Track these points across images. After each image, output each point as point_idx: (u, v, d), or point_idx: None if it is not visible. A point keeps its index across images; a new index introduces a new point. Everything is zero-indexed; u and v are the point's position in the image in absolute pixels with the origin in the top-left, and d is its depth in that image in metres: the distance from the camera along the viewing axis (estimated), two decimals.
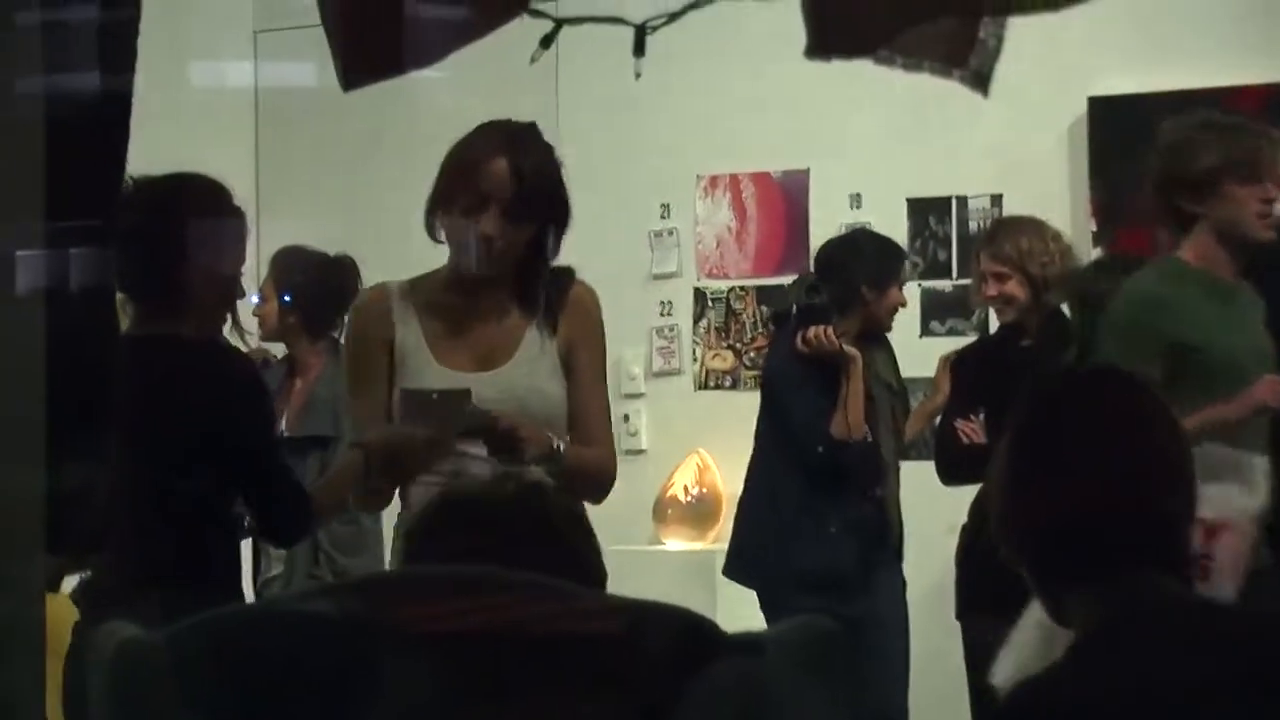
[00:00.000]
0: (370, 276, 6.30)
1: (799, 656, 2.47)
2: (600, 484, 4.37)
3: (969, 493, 5.88)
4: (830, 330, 6.12)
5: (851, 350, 6.14)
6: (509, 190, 4.29)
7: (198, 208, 4.35)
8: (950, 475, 6.16)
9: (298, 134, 8.51)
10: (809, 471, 6.24)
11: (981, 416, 6.07)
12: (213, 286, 4.33)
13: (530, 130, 4.46)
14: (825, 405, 6.16)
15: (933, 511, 6.26)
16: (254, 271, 6.20)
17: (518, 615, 2.40)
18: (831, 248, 6.59)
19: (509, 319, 4.40)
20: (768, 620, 6.04)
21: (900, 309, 6.40)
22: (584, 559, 2.72)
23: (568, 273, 4.50)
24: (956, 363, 6.40)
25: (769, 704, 2.39)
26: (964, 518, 6.03)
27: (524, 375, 4.34)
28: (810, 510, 6.24)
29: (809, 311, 6.20)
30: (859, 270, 6.32)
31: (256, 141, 8.58)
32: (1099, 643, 2.54)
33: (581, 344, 4.48)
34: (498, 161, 4.30)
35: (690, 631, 2.41)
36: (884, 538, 6.29)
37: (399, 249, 8.05)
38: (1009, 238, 6.25)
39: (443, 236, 4.49)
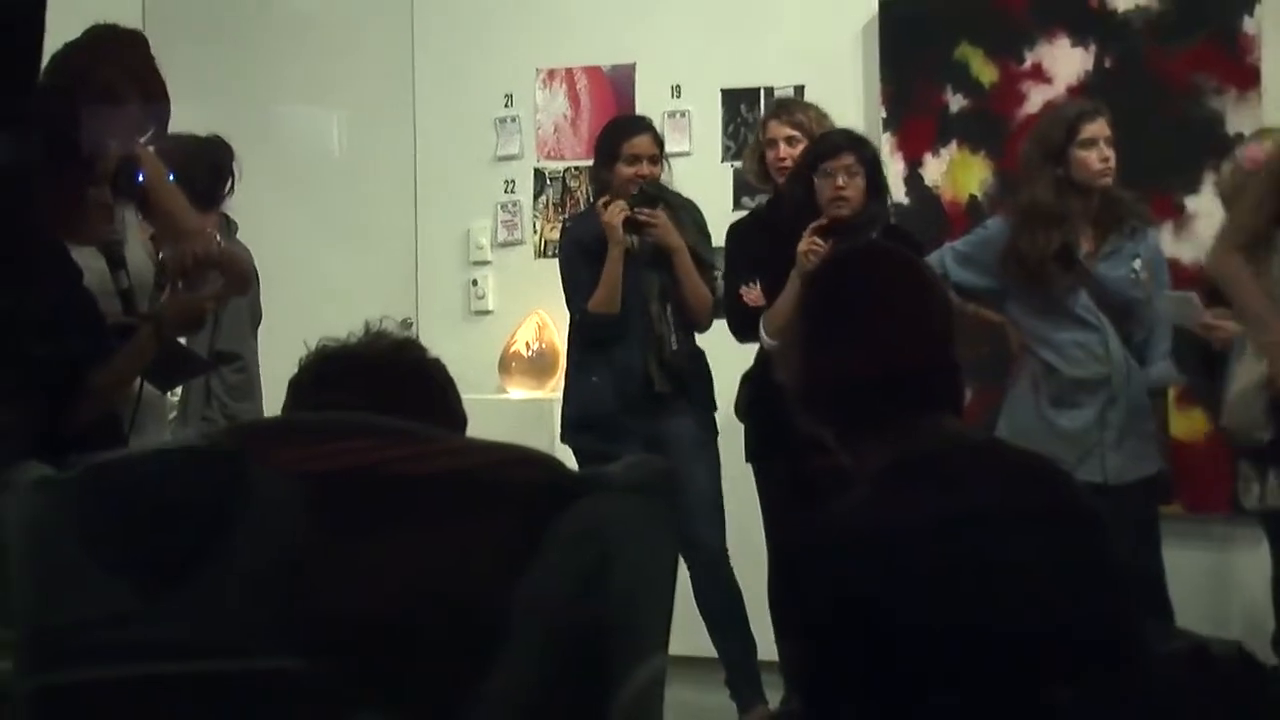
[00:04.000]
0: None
1: (639, 493, 2.48)
2: None
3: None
4: (614, 211, 6.16)
5: (615, 235, 6.17)
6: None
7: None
8: (740, 335, 6.23)
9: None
10: (577, 333, 6.32)
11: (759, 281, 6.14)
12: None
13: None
14: (589, 280, 6.23)
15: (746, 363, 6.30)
16: None
17: (385, 456, 2.38)
18: (598, 138, 6.65)
19: None
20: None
21: (641, 179, 6.31)
22: (449, 407, 2.75)
23: None
24: (733, 233, 6.40)
25: (622, 538, 2.40)
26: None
27: None
28: (580, 364, 6.32)
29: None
30: (602, 153, 6.40)
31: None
32: (891, 478, 2.60)
33: None
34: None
35: (550, 473, 2.41)
36: (655, 386, 6.26)
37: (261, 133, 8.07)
38: (800, 108, 6.33)
39: None
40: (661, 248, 6.22)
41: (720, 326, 6.27)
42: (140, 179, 4.40)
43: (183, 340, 4.56)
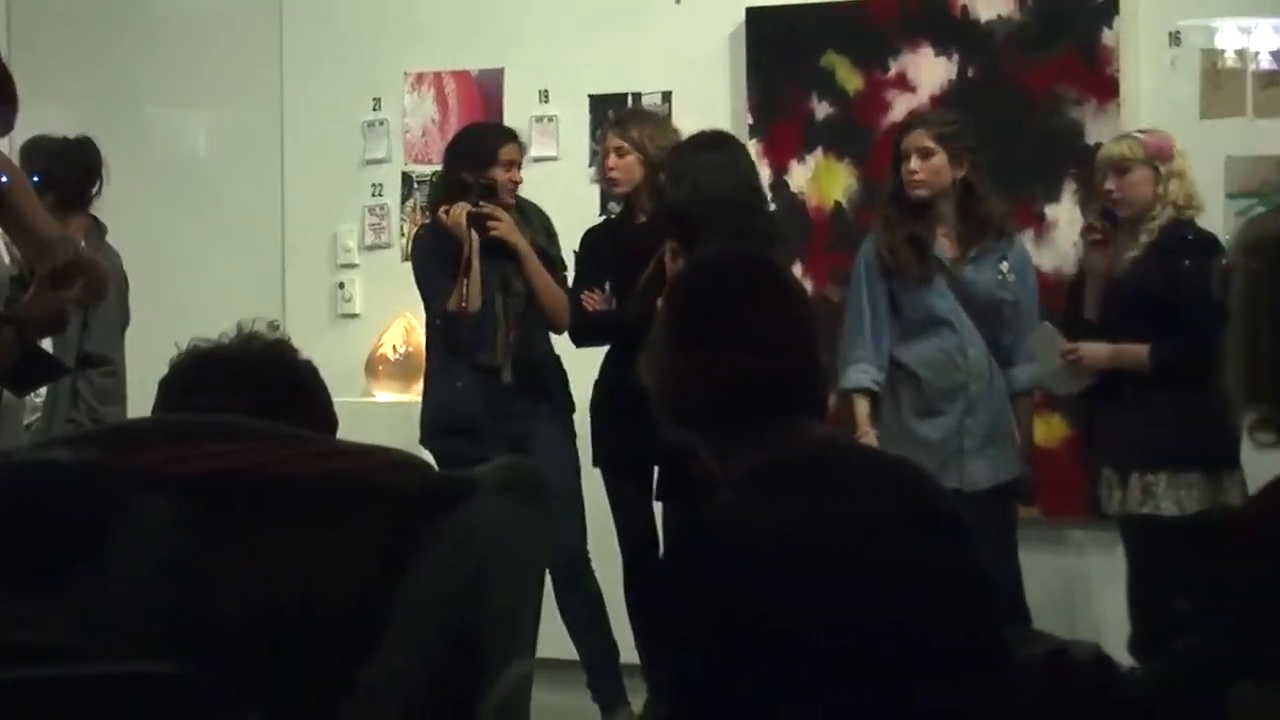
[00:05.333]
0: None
1: (511, 495, 2.49)
2: None
3: None
4: (456, 212, 6.16)
5: (461, 233, 6.15)
6: None
7: None
8: (576, 338, 6.28)
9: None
10: (438, 337, 6.30)
11: (607, 287, 6.18)
12: None
13: None
14: (446, 283, 6.20)
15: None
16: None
17: (259, 458, 2.37)
18: (450, 141, 6.65)
19: None
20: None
21: (516, 185, 6.33)
22: (321, 409, 2.74)
23: None
24: (584, 239, 6.45)
25: (496, 541, 2.39)
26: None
27: None
28: (442, 368, 6.30)
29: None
30: (457, 159, 6.37)
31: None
32: (757, 484, 2.61)
33: None
34: None
35: (424, 476, 2.42)
36: (510, 391, 6.24)
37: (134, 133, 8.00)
38: (635, 121, 6.37)
39: None
40: (509, 248, 6.21)
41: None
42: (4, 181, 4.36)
43: (44, 343, 4.51)
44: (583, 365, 6.36)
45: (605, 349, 6.24)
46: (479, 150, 6.34)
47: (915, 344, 5.81)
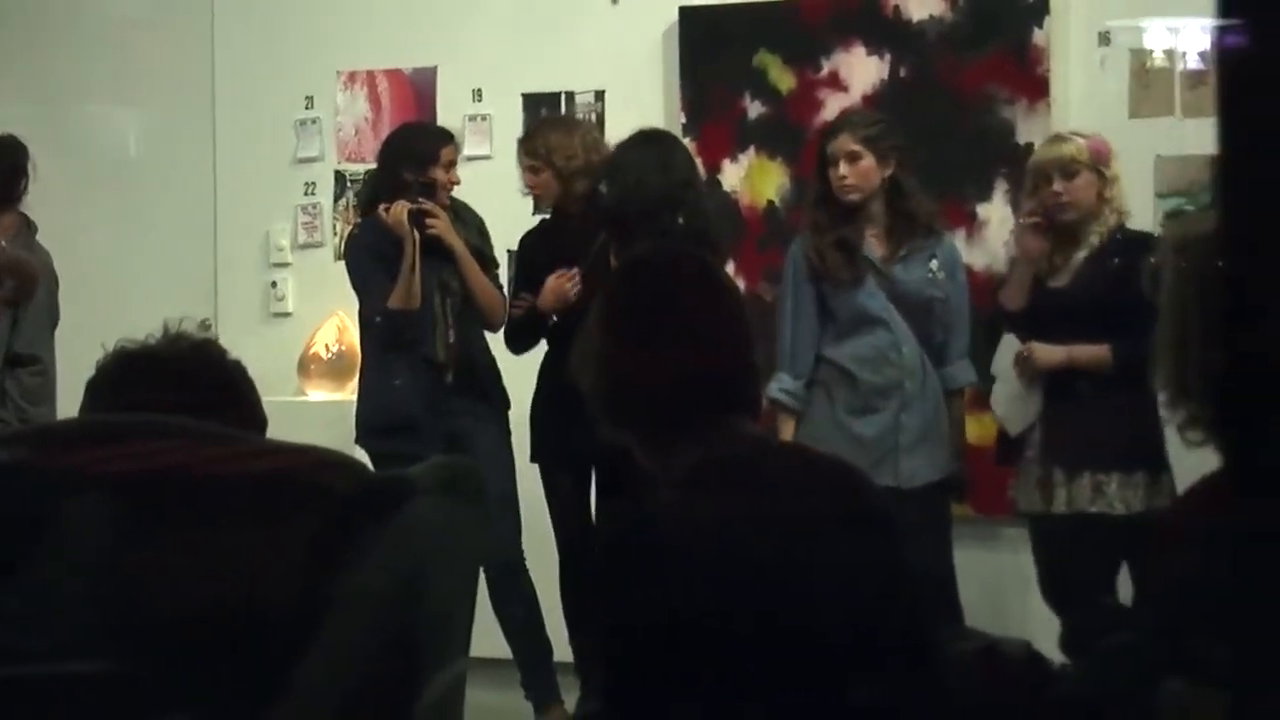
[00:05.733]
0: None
1: (448, 495, 2.48)
2: None
3: None
4: (397, 210, 6.14)
5: (403, 230, 6.13)
6: None
7: None
8: (510, 343, 6.30)
9: None
10: (374, 337, 6.27)
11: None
12: None
13: None
14: (386, 280, 6.18)
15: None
16: None
17: (189, 458, 2.37)
18: (386, 140, 6.63)
19: None
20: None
21: (453, 186, 6.33)
22: (250, 408, 2.72)
23: None
24: (520, 242, 6.47)
25: (434, 541, 2.39)
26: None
27: None
28: (380, 366, 6.28)
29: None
30: (396, 158, 6.35)
31: None
32: (692, 483, 2.61)
33: None
34: None
35: (360, 476, 2.41)
36: (450, 390, 6.25)
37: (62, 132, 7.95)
38: (540, 135, 6.39)
39: None
40: (444, 247, 6.20)
41: None
42: None
43: None
44: (519, 363, 6.35)
45: (546, 346, 6.23)
46: (420, 150, 6.33)
47: (849, 343, 5.82)
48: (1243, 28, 1.37)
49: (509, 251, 6.40)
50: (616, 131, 6.81)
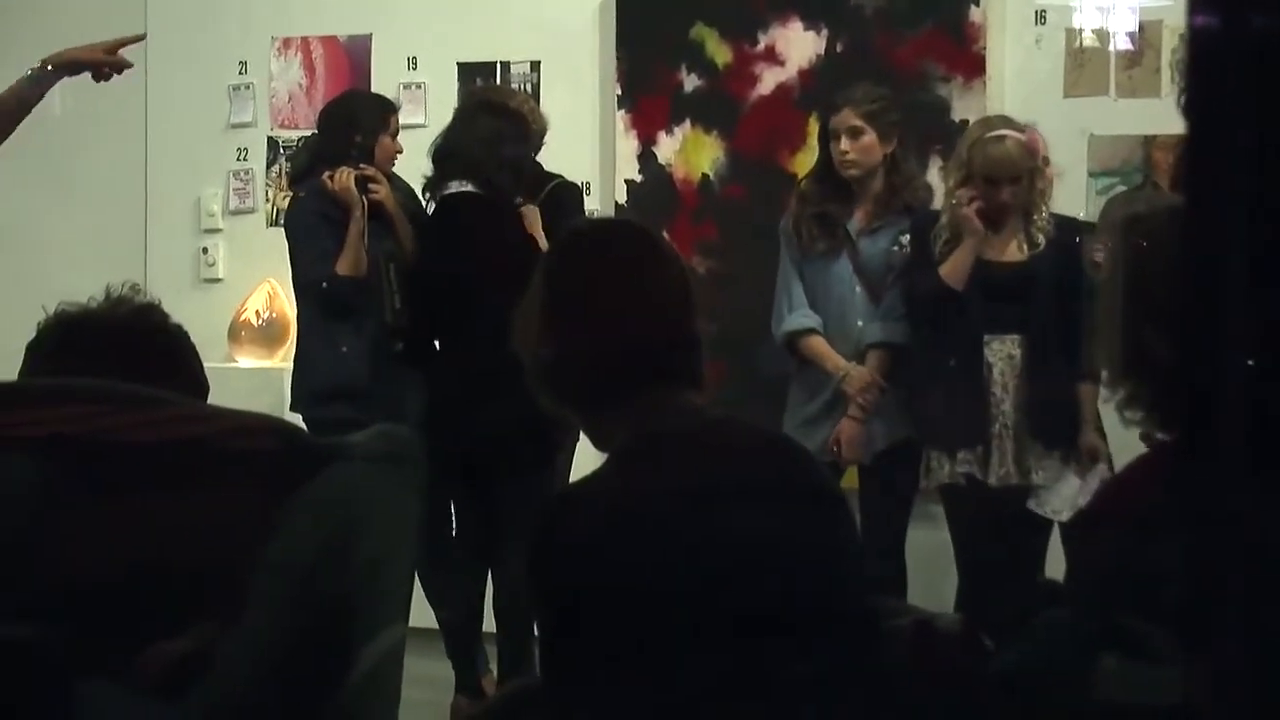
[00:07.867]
0: None
1: (385, 462, 2.46)
2: None
3: None
4: (344, 177, 6.12)
5: (350, 197, 6.11)
6: None
7: None
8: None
9: None
10: (320, 303, 6.23)
11: None
12: None
13: None
14: (333, 247, 6.14)
15: None
16: None
17: (116, 422, 2.34)
18: (328, 106, 6.60)
19: None
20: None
21: (397, 155, 6.35)
22: (192, 373, 2.69)
23: None
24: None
25: (368, 507, 2.38)
26: None
27: None
28: (325, 333, 6.24)
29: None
30: (343, 124, 6.32)
31: None
32: (633, 455, 2.59)
33: None
34: None
35: (294, 441, 2.39)
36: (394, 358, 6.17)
37: None
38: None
39: None
40: (385, 214, 6.18)
41: None
42: None
43: None
44: None
45: None
46: (368, 117, 6.31)
47: (816, 312, 5.88)
48: (1215, 5, 1.35)
49: None
50: (552, 104, 6.78)
